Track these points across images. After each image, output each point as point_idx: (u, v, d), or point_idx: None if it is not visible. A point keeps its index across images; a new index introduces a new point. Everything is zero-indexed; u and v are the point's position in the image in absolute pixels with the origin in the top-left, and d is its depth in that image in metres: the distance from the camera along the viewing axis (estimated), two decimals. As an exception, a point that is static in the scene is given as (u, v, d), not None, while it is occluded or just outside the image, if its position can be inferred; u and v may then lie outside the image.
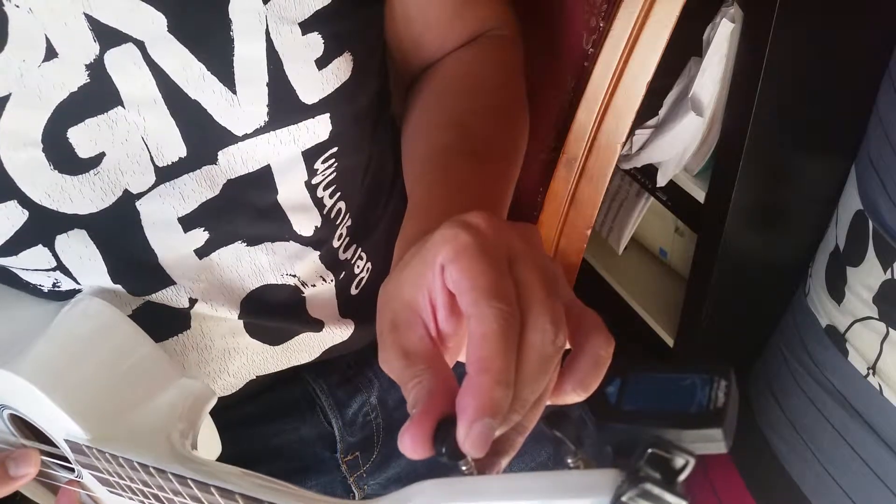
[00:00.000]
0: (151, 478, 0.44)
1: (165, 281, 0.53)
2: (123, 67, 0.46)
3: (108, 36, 0.45)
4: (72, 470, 0.52)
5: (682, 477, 0.29)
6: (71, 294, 0.52)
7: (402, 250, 0.45)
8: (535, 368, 0.34)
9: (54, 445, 0.51)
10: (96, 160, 0.47)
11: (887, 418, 0.81)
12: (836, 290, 0.85)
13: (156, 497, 0.46)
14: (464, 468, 0.33)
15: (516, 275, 0.35)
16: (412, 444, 0.33)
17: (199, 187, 0.51)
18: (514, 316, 0.34)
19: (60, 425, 0.47)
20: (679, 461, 0.29)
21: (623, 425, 0.31)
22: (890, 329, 0.78)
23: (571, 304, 0.38)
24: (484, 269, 0.34)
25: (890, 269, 0.77)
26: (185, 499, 0.43)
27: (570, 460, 0.32)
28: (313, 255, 0.59)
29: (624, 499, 0.28)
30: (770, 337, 1.01)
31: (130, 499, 0.49)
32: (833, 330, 0.86)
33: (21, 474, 0.50)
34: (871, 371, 0.81)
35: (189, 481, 0.42)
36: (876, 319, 0.79)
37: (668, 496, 0.28)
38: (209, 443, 0.52)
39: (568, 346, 0.37)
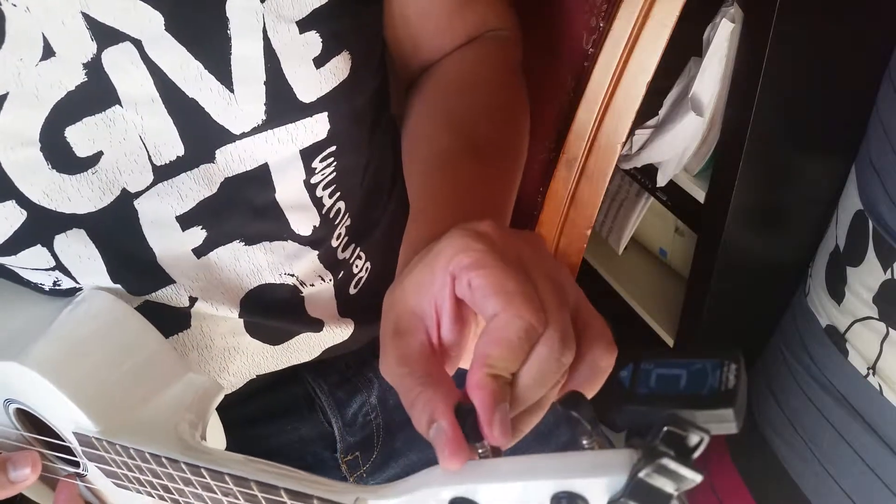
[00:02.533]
0: (162, 469, 0.44)
1: (164, 280, 0.53)
2: (121, 66, 0.45)
3: (105, 35, 0.45)
4: (75, 464, 0.52)
5: (697, 454, 0.29)
6: (72, 292, 0.52)
7: (408, 255, 0.45)
8: (533, 377, 0.34)
9: (59, 440, 0.51)
10: (94, 159, 0.47)
11: (887, 418, 0.81)
12: (836, 290, 0.85)
13: (164, 488, 0.46)
14: (480, 451, 0.33)
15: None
16: (458, 460, 0.33)
17: (197, 186, 0.51)
18: (538, 333, 0.34)
19: (69, 417, 0.47)
20: (694, 438, 0.29)
21: (637, 407, 0.32)
22: (890, 329, 0.78)
23: (579, 308, 0.38)
24: (510, 274, 0.35)
25: (890, 269, 0.77)
26: (196, 488, 0.43)
27: (585, 441, 0.32)
28: (312, 255, 0.58)
29: (641, 475, 0.28)
30: (770, 337, 1.01)
31: (137, 491, 0.49)
32: (833, 330, 0.85)
33: (21, 477, 0.50)
34: (871, 371, 0.81)
35: (202, 470, 0.42)
36: (876, 319, 0.79)
37: (684, 470, 0.28)
38: (215, 437, 0.52)
39: None
